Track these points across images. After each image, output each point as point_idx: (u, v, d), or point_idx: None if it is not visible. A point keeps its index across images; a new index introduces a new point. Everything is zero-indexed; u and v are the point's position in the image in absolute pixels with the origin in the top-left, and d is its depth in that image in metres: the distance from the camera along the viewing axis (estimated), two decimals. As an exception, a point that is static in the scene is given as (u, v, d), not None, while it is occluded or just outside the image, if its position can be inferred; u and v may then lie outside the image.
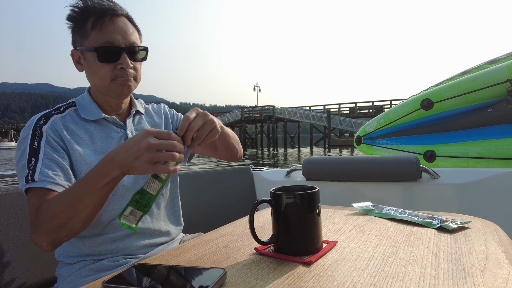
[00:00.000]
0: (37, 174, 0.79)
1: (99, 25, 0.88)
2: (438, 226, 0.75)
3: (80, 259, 0.90)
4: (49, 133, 0.87)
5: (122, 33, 0.90)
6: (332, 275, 0.51)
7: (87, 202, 0.74)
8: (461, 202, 1.59)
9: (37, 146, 0.84)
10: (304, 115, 36.26)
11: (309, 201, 0.61)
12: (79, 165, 0.88)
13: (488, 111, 3.25)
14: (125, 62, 0.90)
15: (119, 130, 0.97)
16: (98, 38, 0.88)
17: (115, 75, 0.91)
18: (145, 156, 0.66)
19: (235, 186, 1.96)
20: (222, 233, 0.78)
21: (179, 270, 0.55)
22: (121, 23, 0.91)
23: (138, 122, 1.04)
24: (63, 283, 0.90)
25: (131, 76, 0.93)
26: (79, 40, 0.91)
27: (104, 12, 0.89)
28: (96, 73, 0.91)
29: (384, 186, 1.72)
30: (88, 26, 0.89)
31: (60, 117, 0.92)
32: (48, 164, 0.82)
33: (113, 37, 0.89)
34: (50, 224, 0.74)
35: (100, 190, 0.73)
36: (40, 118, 0.90)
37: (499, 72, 3.11)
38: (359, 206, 0.97)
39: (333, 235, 0.73)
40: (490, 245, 0.63)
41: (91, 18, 0.89)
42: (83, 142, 0.91)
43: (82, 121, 0.94)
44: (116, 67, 0.90)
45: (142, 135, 0.68)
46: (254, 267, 0.57)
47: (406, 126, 3.84)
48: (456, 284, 0.46)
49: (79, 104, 0.97)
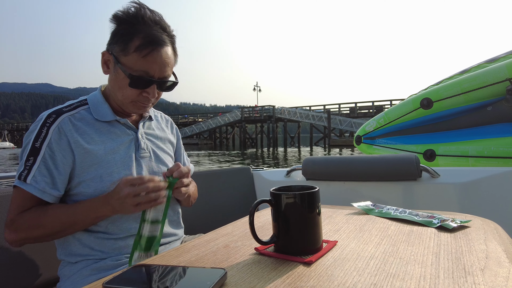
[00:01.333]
0: (30, 177, 0.85)
1: (144, 52, 0.87)
2: (438, 225, 0.75)
3: (82, 258, 0.90)
4: (54, 135, 0.88)
5: (160, 66, 0.90)
6: (333, 275, 0.51)
7: (75, 227, 0.87)
8: (461, 201, 1.59)
9: (39, 146, 0.86)
10: (304, 115, 36.27)
11: (309, 201, 0.61)
12: (89, 165, 0.89)
13: (487, 110, 3.25)
14: (152, 93, 0.92)
15: (130, 133, 0.99)
16: (137, 63, 0.88)
17: (138, 99, 0.93)
18: (128, 201, 0.81)
19: (235, 186, 1.96)
20: (222, 233, 0.78)
21: (180, 271, 0.55)
22: (164, 55, 0.90)
23: (148, 127, 1.06)
24: (66, 282, 0.90)
25: (151, 102, 0.96)
26: (118, 50, 0.89)
27: (154, 41, 0.88)
28: (120, 89, 0.92)
29: (384, 186, 1.72)
30: (132, 45, 0.87)
31: (70, 116, 0.92)
32: (42, 170, 0.86)
33: (151, 68, 0.89)
34: (31, 233, 0.85)
35: (90, 222, 0.88)
36: (50, 115, 0.90)
37: (498, 71, 3.11)
38: (359, 205, 0.97)
39: (333, 234, 0.73)
40: (490, 244, 0.63)
41: (138, 37, 0.87)
42: (93, 141, 0.91)
43: (93, 121, 0.94)
44: (141, 93, 0.92)
45: (120, 186, 0.83)
46: (255, 267, 0.57)
47: (405, 126, 3.84)
48: (456, 283, 0.46)
49: (92, 103, 0.97)
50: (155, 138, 1.06)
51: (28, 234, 0.85)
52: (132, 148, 0.97)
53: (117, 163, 0.92)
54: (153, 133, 1.06)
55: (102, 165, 0.90)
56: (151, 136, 1.05)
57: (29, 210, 0.86)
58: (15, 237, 0.85)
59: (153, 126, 1.08)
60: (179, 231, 1.08)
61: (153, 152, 1.02)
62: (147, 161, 1.00)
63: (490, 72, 3.17)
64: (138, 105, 0.94)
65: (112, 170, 0.91)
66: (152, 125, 1.08)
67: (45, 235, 0.86)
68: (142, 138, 1.00)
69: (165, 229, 1.00)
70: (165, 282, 0.52)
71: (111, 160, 0.92)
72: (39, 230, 0.85)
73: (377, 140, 4.09)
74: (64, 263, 0.94)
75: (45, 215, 0.85)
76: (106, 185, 0.89)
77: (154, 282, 0.52)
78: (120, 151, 0.94)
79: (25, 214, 0.85)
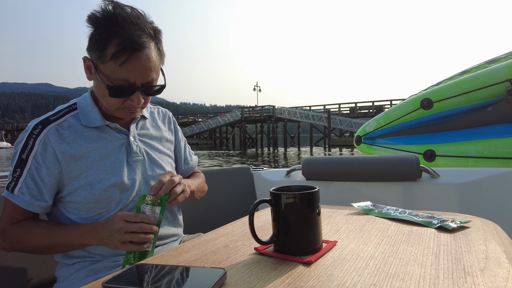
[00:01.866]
0: (17, 188, 0.86)
1: (121, 60, 0.79)
2: (438, 225, 0.75)
3: (79, 260, 0.90)
4: (40, 148, 0.86)
5: (142, 72, 0.82)
6: (332, 275, 0.51)
7: (58, 249, 0.88)
8: (461, 201, 1.59)
9: (26, 157, 0.85)
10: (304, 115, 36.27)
11: (309, 201, 0.60)
12: (78, 174, 0.87)
13: (487, 110, 3.25)
14: (137, 100, 0.86)
15: (121, 137, 0.95)
16: (115, 72, 0.81)
17: (123, 107, 0.88)
18: (116, 236, 0.80)
19: (235, 186, 1.96)
20: (222, 233, 0.78)
21: (179, 270, 0.55)
22: (144, 60, 0.81)
23: (142, 127, 1.01)
24: (63, 283, 0.90)
25: (139, 108, 0.90)
26: (95, 58, 0.82)
27: (130, 46, 0.79)
28: (104, 97, 0.87)
29: (384, 186, 1.72)
30: (108, 52, 0.79)
31: (58, 125, 0.89)
32: (28, 182, 0.86)
33: (131, 76, 0.82)
34: (19, 247, 0.88)
35: (72, 247, 0.87)
36: (36, 127, 0.87)
37: (498, 71, 3.11)
38: (359, 205, 0.97)
39: (333, 234, 0.73)
40: (490, 244, 0.63)
41: (113, 44, 0.79)
42: (81, 149, 0.88)
43: (82, 127, 0.91)
44: (126, 101, 0.86)
45: (115, 219, 0.82)
46: (254, 267, 0.57)
47: (405, 126, 3.84)
48: (456, 284, 0.46)
49: (81, 108, 0.93)
50: (150, 139, 1.02)
51: (17, 247, 0.88)
52: (124, 153, 0.93)
53: (107, 169, 0.89)
54: (148, 133, 1.02)
55: (91, 172, 0.88)
56: (145, 136, 1.01)
57: (19, 224, 0.88)
58: (4, 246, 0.89)
59: (148, 125, 1.03)
60: (178, 230, 1.07)
61: (147, 155, 0.98)
62: (140, 165, 0.96)
63: (490, 72, 3.17)
64: (125, 112, 0.90)
65: (102, 177, 0.88)
66: (147, 124, 1.03)
67: (32, 251, 0.89)
68: (134, 141, 0.96)
69: (163, 230, 0.99)
70: (165, 282, 0.52)
71: (101, 166, 0.89)
72: (26, 246, 0.87)
73: (377, 140, 4.09)
74: (61, 264, 0.94)
75: (31, 233, 0.86)
76: (97, 192, 0.87)
77: (154, 282, 0.52)
78: (111, 157, 0.91)
79: (15, 227, 0.87)
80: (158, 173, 0.98)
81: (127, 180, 0.91)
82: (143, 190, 0.94)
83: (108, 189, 0.88)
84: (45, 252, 0.89)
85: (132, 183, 0.92)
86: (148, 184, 0.96)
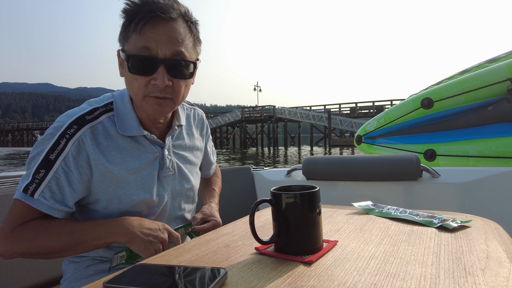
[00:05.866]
0: (38, 192, 0.75)
1: (140, 26, 0.72)
2: (438, 225, 0.75)
3: (87, 258, 0.90)
4: (73, 150, 0.77)
5: (165, 40, 0.73)
6: (333, 275, 0.51)
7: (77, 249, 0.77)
8: (462, 201, 1.59)
9: (54, 158, 0.76)
10: (305, 115, 36.26)
11: (309, 201, 0.60)
12: (107, 184, 0.82)
13: (488, 109, 3.25)
14: (160, 77, 0.74)
15: (156, 150, 0.88)
16: (136, 43, 0.74)
17: (148, 92, 0.77)
18: (155, 243, 0.78)
19: (235, 186, 1.96)
20: (223, 233, 0.78)
21: (180, 270, 0.55)
22: (169, 27, 0.74)
23: (177, 137, 0.95)
24: (70, 279, 0.89)
25: (168, 96, 0.78)
26: (122, 40, 0.78)
27: (151, 10, 0.72)
28: (129, 85, 0.79)
29: (384, 185, 1.72)
30: (131, 26, 0.74)
31: (92, 127, 0.80)
32: (52, 186, 0.76)
33: (152, 44, 0.73)
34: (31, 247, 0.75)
35: (99, 245, 0.79)
36: (71, 126, 0.78)
37: (499, 70, 3.11)
38: (360, 205, 0.97)
39: (334, 234, 0.73)
40: (491, 244, 0.62)
41: (137, 17, 0.73)
42: (114, 159, 0.82)
43: (117, 134, 0.83)
44: (150, 82, 0.76)
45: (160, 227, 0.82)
46: (255, 266, 0.57)
47: (406, 125, 3.84)
48: (457, 283, 0.46)
49: (118, 111, 0.84)
50: (183, 150, 0.97)
51: (28, 248, 0.75)
52: (156, 167, 0.88)
53: (137, 184, 0.84)
54: (182, 144, 0.96)
55: (122, 186, 0.83)
56: (179, 148, 0.95)
57: (32, 222, 0.77)
58: (10, 249, 0.75)
59: (184, 133, 0.97)
60: None
61: (178, 169, 0.94)
62: (170, 180, 0.92)
63: (491, 72, 3.17)
64: (151, 102, 0.77)
65: (132, 192, 0.84)
66: (183, 132, 0.97)
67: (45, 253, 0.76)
68: (168, 155, 0.90)
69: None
70: (165, 282, 0.52)
71: (132, 180, 0.84)
72: (40, 246, 0.75)
73: (378, 140, 4.09)
74: (68, 260, 0.93)
75: (49, 230, 0.76)
76: (124, 207, 0.83)
77: (155, 282, 0.52)
78: (143, 172, 0.85)
79: (27, 225, 0.76)
80: (185, 188, 0.96)
81: (155, 197, 0.88)
82: (170, 205, 0.93)
83: (137, 204, 0.85)
84: (61, 254, 0.78)
85: (160, 199, 0.90)
86: (174, 199, 0.95)
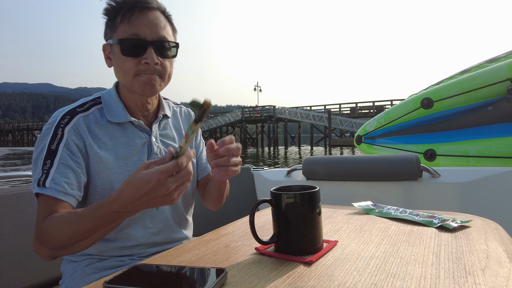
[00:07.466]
0: (49, 180, 0.77)
1: (128, 17, 0.85)
2: (438, 225, 0.75)
3: (85, 257, 0.90)
4: (71, 135, 0.83)
5: (151, 26, 0.86)
6: (333, 275, 0.51)
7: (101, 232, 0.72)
8: (462, 201, 1.59)
9: (56, 148, 0.81)
10: (305, 115, 36.25)
11: (309, 201, 0.61)
12: (100, 170, 0.86)
13: (488, 109, 3.25)
14: (150, 56, 0.85)
15: (143, 136, 0.93)
16: (125, 31, 0.85)
17: (139, 70, 0.86)
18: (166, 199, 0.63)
19: (235, 186, 1.96)
20: (223, 233, 0.78)
21: (180, 270, 0.55)
22: (152, 16, 0.87)
23: (164, 127, 1.00)
24: (69, 279, 0.90)
25: (157, 74, 0.88)
26: (109, 33, 0.88)
27: (135, 4, 0.86)
28: (120, 67, 0.87)
29: (384, 186, 1.72)
30: (118, 19, 0.86)
31: (84, 117, 0.87)
32: (62, 170, 0.79)
33: (140, 30, 0.85)
34: (54, 242, 0.73)
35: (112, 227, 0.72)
36: (64, 117, 0.85)
37: (499, 70, 3.11)
38: (360, 205, 0.97)
39: (334, 234, 0.73)
40: (491, 243, 0.62)
41: (122, 11, 0.86)
42: (105, 146, 0.87)
43: (106, 123, 0.90)
44: (140, 62, 0.85)
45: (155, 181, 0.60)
46: (255, 267, 0.57)
47: (406, 125, 3.84)
48: (457, 283, 0.46)
49: (105, 102, 0.92)
50: (171, 140, 1.01)
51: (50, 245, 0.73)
52: (145, 153, 0.93)
53: (129, 170, 0.88)
54: (169, 134, 1.01)
55: (113, 171, 0.87)
56: (166, 137, 1.00)
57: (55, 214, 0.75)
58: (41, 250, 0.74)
59: (170, 125, 1.03)
60: (188, 233, 1.05)
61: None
62: None
63: (491, 71, 3.17)
64: (142, 79, 0.86)
65: (124, 177, 0.87)
66: (170, 123, 1.03)
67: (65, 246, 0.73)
68: (155, 142, 0.95)
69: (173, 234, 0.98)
70: (165, 282, 0.52)
71: (123, 166, 0.88)
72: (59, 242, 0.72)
73: (378, 140, 4.09)
74: (67, 261, 0.93)
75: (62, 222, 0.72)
76: None
77: (155, 282, 0.52)
78: (133, 157, 0.90)
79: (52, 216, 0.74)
80: None
81: None
82: None
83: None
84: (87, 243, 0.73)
85: None
86: None
